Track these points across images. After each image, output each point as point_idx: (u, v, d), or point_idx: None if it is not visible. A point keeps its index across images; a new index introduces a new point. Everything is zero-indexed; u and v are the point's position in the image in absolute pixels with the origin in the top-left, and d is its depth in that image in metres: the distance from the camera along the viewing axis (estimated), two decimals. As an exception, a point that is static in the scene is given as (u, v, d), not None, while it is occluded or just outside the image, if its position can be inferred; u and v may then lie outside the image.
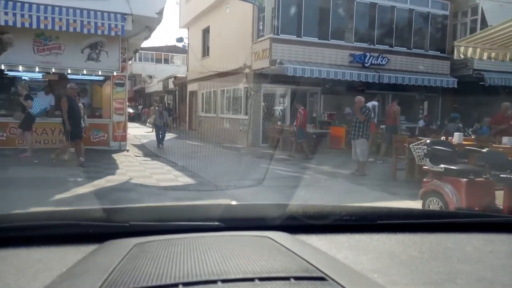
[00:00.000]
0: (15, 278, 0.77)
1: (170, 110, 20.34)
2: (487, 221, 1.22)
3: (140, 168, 8.61)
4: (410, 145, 5.29)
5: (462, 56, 7.40)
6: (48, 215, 1.08)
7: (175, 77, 25.97)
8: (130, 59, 16.82)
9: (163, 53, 42.95)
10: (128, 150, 11.76)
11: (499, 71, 15.22)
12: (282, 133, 13.19)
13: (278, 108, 15.31)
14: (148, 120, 23.79)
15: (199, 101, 20.08)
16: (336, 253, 0.90)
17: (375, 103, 11.66)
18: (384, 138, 11.08)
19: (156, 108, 16.17)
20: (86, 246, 0.89)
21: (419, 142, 5.27)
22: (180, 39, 23.11)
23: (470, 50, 7.45)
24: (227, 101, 17.16)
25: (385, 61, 14.22)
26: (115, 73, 11.51)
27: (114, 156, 10.60)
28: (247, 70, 14.32)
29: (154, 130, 15.90)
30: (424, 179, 4.99)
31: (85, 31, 9.74)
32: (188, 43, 21.68)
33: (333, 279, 0.66)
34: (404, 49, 14.79)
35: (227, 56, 15.94)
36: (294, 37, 13.23)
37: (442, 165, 4.72)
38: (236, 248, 0.83)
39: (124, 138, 12.02)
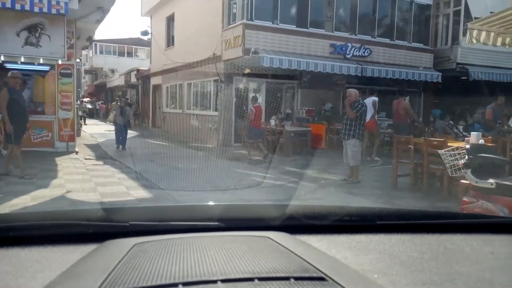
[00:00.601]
0: (14, 278, 0.76)
1: (130, 105, 18.44)
2: (486, 222, 1.20)
3: (85, 176, 6.89)
4: (441, 151, 3.94)
5: (474, 42, 6.18)
6: (48, 215, 1.08)
7: (138, 70, 23.94)
8: (84, 48, 14.84)
9: (126, 46, 40.46)
10: (77, 152, 9.94)
11: (484, 65, 14.37)
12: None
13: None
14: (108, 117, 21.74)
15: (163, 96, 18.27)
16: (336, 253, 0.89)
17: (375, 98, 10.36)
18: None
19: (118, 103, 14.24)
20: (85, 246, 0.88)
21: (454, 147, 3.93)
22: (145, 33, 21.34)
23: (483, 34, 6.24)
24: (195, 95, 15.50)
25: (367, 52, 13.01)
26: (60, 62, 9.64)
27: (58, 160, 8.78)
28: (216, 61, 12.74)
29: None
30: (465, 198, 3.64)
31: (18, 7, 7.88)
32: (151, 33, 19.77)
33: (332, 279, 0.65)
34: (387, 40, 13.64)
35: (194, 46, 14.27)
36: (269, 24, 11.75)
37: (491, 180, 3.38)
38: (236, 248, 0.82)
39: (72, 138, 10.17)
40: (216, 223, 1.00)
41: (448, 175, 5.45)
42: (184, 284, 0.63)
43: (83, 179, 6.67)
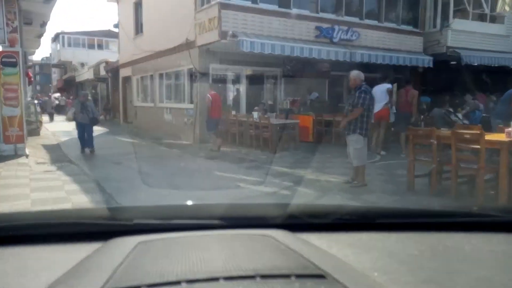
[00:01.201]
0: (19, 277, 0.76)
1: (96, 100, 16.91)
2: (486, 221, 1.15)
3: (24, 190, 5.34)
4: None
5: (507, 9, 4.95)
6: (52, 213, 1.10)
7: (107, 62, 22.05)
8: (40, 36, 13.00)
9: (96, 38, 38.18)
10: (27, 156, 8.32)
11: (476, 49, 13.38)
12: (239, 126, 10.34)
13: (231, 94, 12.41)
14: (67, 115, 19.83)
15: (134, 89, 16.59)
16: (336, 251, 0.88)
17: (389, 86, 8.94)
18: (399, 128, 8.69)
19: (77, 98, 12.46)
20: (90, 244, 0.87)
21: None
22: (117, 25, 19.42)
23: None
24: (168, 87, 13.93)
25: (355, 36, 11.76)
26: (0, 48, 7.98)
27: (1, 165, 7.20)
28: (190, 48, 11.24)
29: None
30: None
31: None
32: (119, 21, 17.98)
33: (333, 277, 0.65)
34: (375, 22, 12.41)
35: (164, 32, 12.71)
36: (249, 3, 10.31)
37: None
38: (238, 246, 0.82)
39: (21, 139, 8.51)
40: (218, 221, 0.99)
41: (483, 176, 4.29)
42: (188, 281, 0.62)
43: (21, 193, 5.14)
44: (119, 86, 19.05)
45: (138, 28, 15.68)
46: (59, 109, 26.12)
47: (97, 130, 15.64)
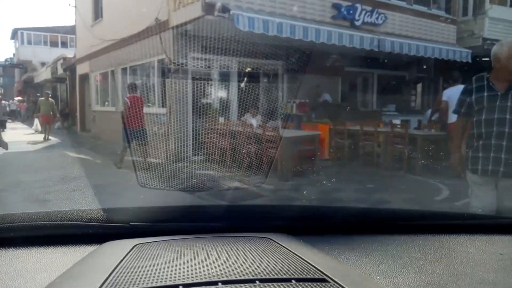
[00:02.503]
0: (14, 278, 0.74)
1: (32, 102, 14.66)
2: (490, 223, 1.16)
3: None
4: None
5: None
6: (48, 215, 1.02)
7: (64, 59, 18.54)
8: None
9: (60, 35, 34.17)
10: None
11: (520, 40, 10.78)
12: (230, 138, 7.25)
13: (218, 96, 9.30)
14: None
15: (92, 89, 13.19)
16: (337, 254, 0.87)
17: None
18: None
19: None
20: (86, 246, 0.86)
21: None
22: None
23: None
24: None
25: (381, 19, 8.89)
26: None
27: None
28: (161, 30, 8.09)
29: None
30: None
31: None
32: (76, 6, 14.57)
33: (334, 281, 0.64)
34: (404, 4, 9.61)
35: (128, 13, 9.50)
36: (245, -35, 7.30)
37: None
38: (237, 250, 0.80)
39: None
40: (217, 224, 0.97)
41: None
42: (185, 285, 0.60)
43: None
44: (76, 86, 15.61)
45: (98, 11, 12.34)
46: (12, 115, 22.24)
47: (52, 141, 12.31)
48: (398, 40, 8.67)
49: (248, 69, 8.95)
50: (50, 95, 13.86)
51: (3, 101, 16.49)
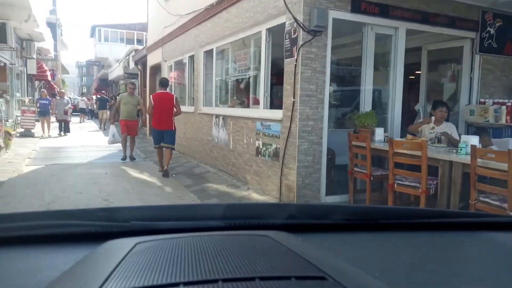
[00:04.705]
0: (14, 278, 0.73)
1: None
2: (489, 221, 1.11)
3: None
4: None
5: None
6: (48, 215, 1.03)
7: (136, 50, 16.10)
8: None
9: (136, 32, 32.79)
10: None
11: None
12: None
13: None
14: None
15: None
16: (337, 252, 0.84)
17: None
18: None
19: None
20: (86, 245, 0.82)
21: None
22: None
23: None
24: (222, 77, 7.34)
25: None
26: None
27: None
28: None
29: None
30: None
31: None
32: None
33: (333, 279, 0.61)
34: None
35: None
36: None
37: None
38: (237, 247, 0.77)
39: None
40: (217, 222, 0.95)
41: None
42: (185, 283, 0.59)
43: None
44: (147, 81, 12.85)
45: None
46: (83, 113, 20.41)
47: (107, 149, 9.53)
48: None
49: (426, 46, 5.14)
50: (134, 87, 8.40)
51: (65, 97, 14.10)
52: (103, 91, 21.94)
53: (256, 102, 5.68)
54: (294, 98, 4.34)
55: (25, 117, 11.85)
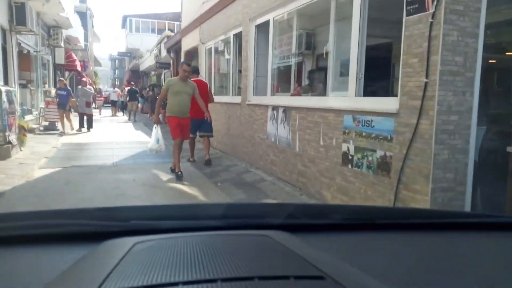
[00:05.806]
0: (13, 278, 0.72)
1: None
2: (488, 221, 1.08)
3: None
4: None
5: None
6: (48, 214, 1.00)
7: (168, 37, 14.69)
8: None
9: (167, 22, 31.67)
10: None
11: None
12: None
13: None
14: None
15: (203, 69, 8.60)
16: (336, 252, 0.82)
17: None
18: None
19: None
20: (86, 245, 0.81)
21: None
22: None
23: None
24: (280, 57, 5.71)
25: None
26: None
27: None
28: None
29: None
30: None
31: None
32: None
33: (332, 278, 0.61)
34: None
35: None
36: None
37: None
38: (236, 247, 0.78)
39: None
40: (216, 221, 0.95)
41: None
42: (185, 283, 0.58)
43: None
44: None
45: None
46: (114, 105, 19.34)
47: (137, 146, 8.18)
48: None
49: None
50: (190, 69, 5.56)
51: (88, 86, 12.50)
52: (132, 83, 20.67)
53: (338, 87, 4.02)
54: (427, 77, 2.66)
55: (49, 109, 10.66)
